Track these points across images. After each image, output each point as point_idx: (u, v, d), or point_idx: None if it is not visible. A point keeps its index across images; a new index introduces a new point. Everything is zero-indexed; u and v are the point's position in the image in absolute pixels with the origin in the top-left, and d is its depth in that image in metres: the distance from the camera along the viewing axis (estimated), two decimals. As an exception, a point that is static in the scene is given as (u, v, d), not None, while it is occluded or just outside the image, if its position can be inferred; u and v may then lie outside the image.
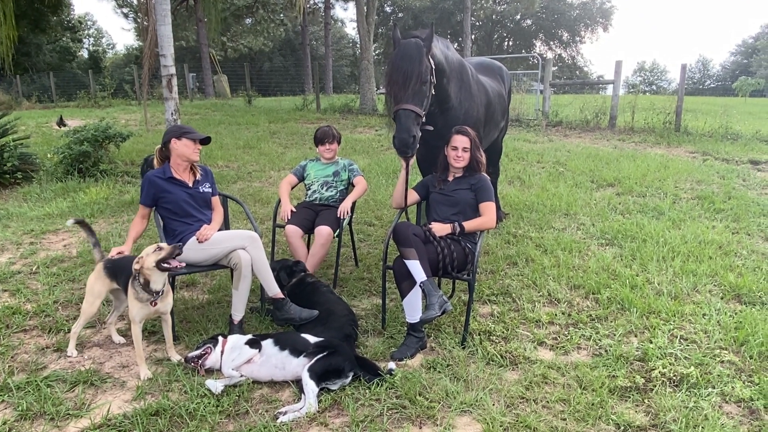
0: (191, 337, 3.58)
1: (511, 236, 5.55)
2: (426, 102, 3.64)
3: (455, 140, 3.78)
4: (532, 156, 9.45)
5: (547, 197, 6.91)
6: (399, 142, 3.51)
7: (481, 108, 4.54)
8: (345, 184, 4.68)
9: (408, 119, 3.50)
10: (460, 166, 3.82)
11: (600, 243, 5.38)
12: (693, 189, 7.24)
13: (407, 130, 3.49)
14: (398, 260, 3.49)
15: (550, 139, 11.38)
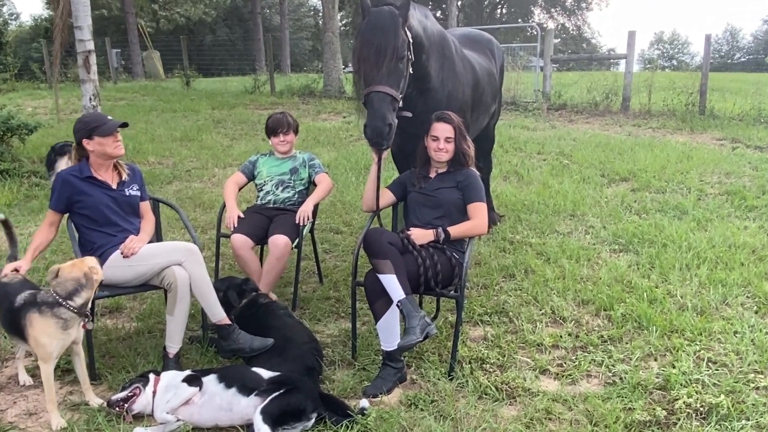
0: (115, 376, 3.53)
1: (507, 243, 5.60)
2: (403, 83, 3.67)
3: (436, 129, 3.80)
4: (532, 146, 9.56)
5: (549, 195, 7.00)
6: (371, 131, 3.53)
7: (468, 89, 4.57)
8: (305, 184, 4.67)
9: (382, 104, 3.52)
10: (443, 159, 3.84)
11: (612, 249, 5.47)
12: (721, 183, 7.42)
13: (381, 117, 3.50)
14: (370, 275, 3.49)
15: (552, 125, 11.53)
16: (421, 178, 3.92)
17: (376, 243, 3.45)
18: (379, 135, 3.52)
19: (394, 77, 3.60)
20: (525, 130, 11.05)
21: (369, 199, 3.96)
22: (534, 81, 14.33)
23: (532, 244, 5.55)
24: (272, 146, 4.73)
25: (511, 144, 9.69)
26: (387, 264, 3.39)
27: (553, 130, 11.06)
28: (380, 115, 3.50)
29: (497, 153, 8.99)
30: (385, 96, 3.54)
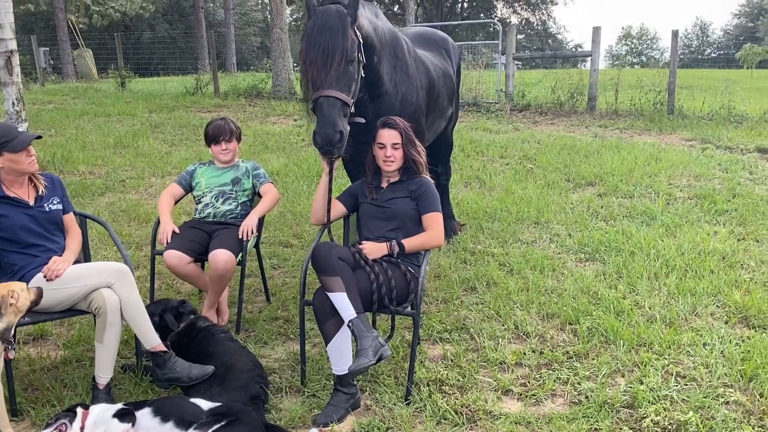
0: (39, 411, 3.45)
1: (468, 254, 5.65)
2: (354, 87, 3.71)
3: (382, 136, 3.85)
4: (494, 149, 9.68)
5: (512, 202, 7.09)
6: (322, 139, 3.53)
7: (422, 92, 4.61)
8: (249, 195, 4.65)
9: (332, 110, 3.54)
10: (392, 168, 3.88)
11: (578, 258, 5.56)
12: (690, 186, 7.62)
13: (331, 124, 3.51)
14: (319, 293, 3.49)
15: (515, 127, 11.70)
16: (372, 189, 3.95)
17: (325, 259, 3.44)
18: (330, 143, 3.52)
19: (345, 81, 3.62)
20: (487, 132, 11.18)
21: (318, 211, 3.97)
22: (496, 80, 14.51)
23: (495, 255, 5.60)
24: (213, 155, 4.68)
25: (473, 147, 9.80)
26: (337, 281, 3.39)
27: (517, 132, 11.22)
28: (330, 122, 3.51)
29: (458, 157, 9.09)
30: (335, 101, 3.55)
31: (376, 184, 3.96)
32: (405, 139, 3.85)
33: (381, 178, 3.96)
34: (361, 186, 4.03)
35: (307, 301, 3.62)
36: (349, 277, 3.42)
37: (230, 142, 4.62)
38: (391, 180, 3.94)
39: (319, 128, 3.52)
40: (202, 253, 4.31)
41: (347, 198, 4.04)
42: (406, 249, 3.69)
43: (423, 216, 3.80)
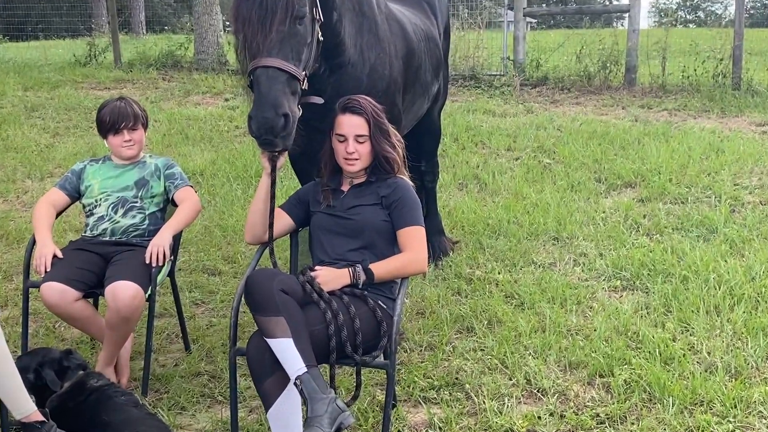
0: None
1: (462, 282, 5.68)
2: (307, 53, 3.76)
3: (341, 124, 3.87)
4: (499, 139, 9.76)
5: (523, 210, 7.14)
6: (259, 125, 3.52)
7: (397, 61, 4.64)
8: (159, 203, 4.64)
9: (273, 84, 3.55)
10: (355, 169, 3.91)
11: (612, 286, 5.61)
12: (763, 187, 7.72)
13: (273, 105, 3.52)
14: (256, 339, 3.48)
15: (527, 108, 11.79)
16: (329, 193, 3.96)
17: (264, 292, 3.43)
18: (270, 131, 3.51)
19: (292, 46, 3.65)
20: (489, 115, 11.24)
21: (256, 225, 3.98)
22: (502, 44, 14.61)
23: (499, 283, 5.63)
24: (110, 149, 4.66)
25: (470, 137, 9.85)
26: (280, 323, 3.37)
27: (530, 115, 11.29)
28: (271, 102, 3.51)
29: (449, 150, 9.15)
30: (277, 73, 3.56)
31: (334, 186, 3.96)
32: (374, 127, 3.86)
33: (341, 179, 3.98)
34: (314, 189, 4.03)
35: (240, 350, 3.60)
36: (296, 317, 3.41)
37: (134, 131, 4.60)
38: (354, 181, 3.95)
39: (256, 110, 3.53)
40: (95, 285, 4.28)
41: (295, 206, 4.05)
42: (375, 277, 3.70)
43: (399, 231, 3.81)
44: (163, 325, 5.15)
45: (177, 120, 11.07)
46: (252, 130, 3.57)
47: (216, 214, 7.16)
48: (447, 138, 9.40)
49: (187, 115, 11.42)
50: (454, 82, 13.23)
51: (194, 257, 6.28)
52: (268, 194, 3.89)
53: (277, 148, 3.65)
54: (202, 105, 12.40)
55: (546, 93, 12.99)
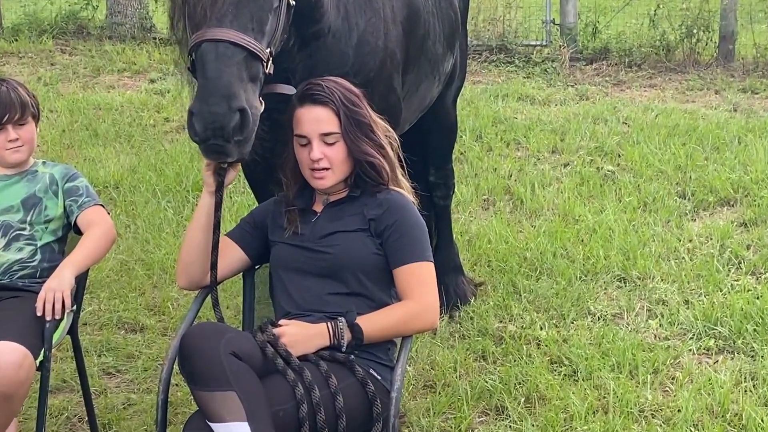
0: None
1: (489, 341, 5.67)
2: (274, 23, 3.78)
3: (300, 120, 3.85)
4: (540, 137, 9.74)
5: (575, 238, 7.14)
6: (203, 125, 3.45)
7: (395, 27, 4.66)
8: (56, 231, 4.62)
9: (226, 67, 3.54)
10: (326, 183, 3.88)
11: (703, 348, 5.58)
12: None
13: (225, 96, 3.49)
14: (196, 422, 3.47)
15: (580, 92, 11.78)
16: (295, 216, 3.96)
17: (206, 356, 3.41)
18: (220, 132, 3.44)
19: (253, 12, 3.66)
20: (527, 103, 11.23)
21: (192, 263, 3.98)
22: (544, 3, 14.66)
23: (542, 342, 5.62)
24: (-14, 152, 4.63)
25: (500, 133, 9.83)
26: (229, 400, 3.35)
27: (584, 102, 11.27)
28: (222, 91, 3.48)
29: (469, 153, 9.14)
30: (232, 50, 3.56)
31: (302, 206, 3.97)
32: (346, 120, 3.82)
33: (312, 195, 4.00)
34: (275, 210, 4.04)
35: (172, 440, 3.59)
36: (254, 393, 3.40)
37: (21, 127, 4.57)
38: (331, 198, 3.97)
39: (200, 103, 3.49)
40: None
41: (248, 233, 4.06)
42: (365, 335, 3.69)
43: (397, 270, 3.79)
44: (62, 403, 5.09)
45: (82, 110, 11.00)
46: (194, 132, 3.50)
47: (137, 245, 7.12)
48: (466, 135, 9.45)
49: (96, 103, 11.36)
50: (477, 56, 13.21)
51: (106, 306, 6.25)
52: (211, 221, 3.87)
53: (230, 158, 3.62)
54: (118, 88, 12.35)
55: (607, 71, 12.96)
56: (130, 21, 15.49)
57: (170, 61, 12.93)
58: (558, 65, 12.94)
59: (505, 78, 12.52)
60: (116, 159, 9.27)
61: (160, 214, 7.78)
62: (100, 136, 10.11)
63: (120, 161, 9.20)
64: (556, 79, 12.43)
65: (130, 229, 7.48)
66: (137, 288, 6.53)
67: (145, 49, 14.13)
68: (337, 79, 3.92)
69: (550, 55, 13.24)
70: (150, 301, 6.35)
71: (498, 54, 13.54)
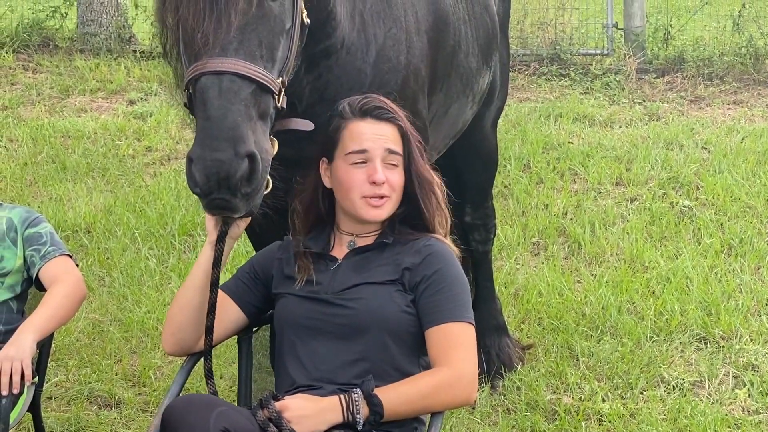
0: None
1: (540, 416, 5.65)
2: (286, 48, 3.83)
3: (361, 134, 3.90)
4: (602, 165, 9.71)
5: (645, 290, 7.12)
6: (206, 175, 3.45)
7: (419, 39, 4.68)
8: (15, 287, 4.67)
9: (232, 104, 3.56)
10: (383, 214, 3.92)
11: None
12: None
13: (231, 139, 3.49)
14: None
15: (649, 110, 11.76)
16: (309, 262, 3.98)
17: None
18: (226, 184, 3.47)
19: (262, 37, 3.69)
20: (585, 124, 11.21)
21: (183, 325, 4.00)
22: (604, 3, 14.66)
23: (605, 418, 5.60)
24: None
25: (551, 162, 9.82)
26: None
27: (654, 123, 11.23)
28: (227, 134, 3.49)
29: (514, 187, 9.12)
30: (238, 84, 3.57)
31: (318, 249, 3.99)
32: (410, 145, 3.92)
33: (331, 237, 4.03)
34: (281, 256, 4.08)
35: None
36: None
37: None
38: (357, 242, 3.99)
39: (202, 148, 3.49)
40: None
41: (246, 285, 4.09)
42: (386, 410, 3.68)
43: (430, 330, 3.81)
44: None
45: (47, 138, 10.96)
46: (194, 183, 3.50)
47: (113, 302, 7.12)
48: (511, 164, 9.47)
49: (64, 130, 11.33)
50: (523, 69, 13.22)
51: (75, 377, 6.25)
52: (209, 279, 3.86)
53: (236, 214, 3.63)
54: (91, 112, 12.30)
55: (682, 85, 12.91)
56: (106, 31, 15.45)
57: (153, 78, 12.98)
58: (622, 78, 12.88)
59: (558, 94, 12.49)
60: (88, 197, 9.24)
61: (140, 264, 7.76)
62: (68, 170, 10.05)
63: (93, 200, 9.17)
64: (620, 96, 12.39)
65: (104, 283, 7.47)
66: (112, 354, 6.52)
67: (123, 64, 14.06)
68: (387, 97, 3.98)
69: (613, 66, 13.21)
70: (128, 369, 6.35)
71: (549, 65, 13.47)
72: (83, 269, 4.63)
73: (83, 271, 4.72)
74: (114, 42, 15.19)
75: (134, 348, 6.61)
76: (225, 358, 5.98)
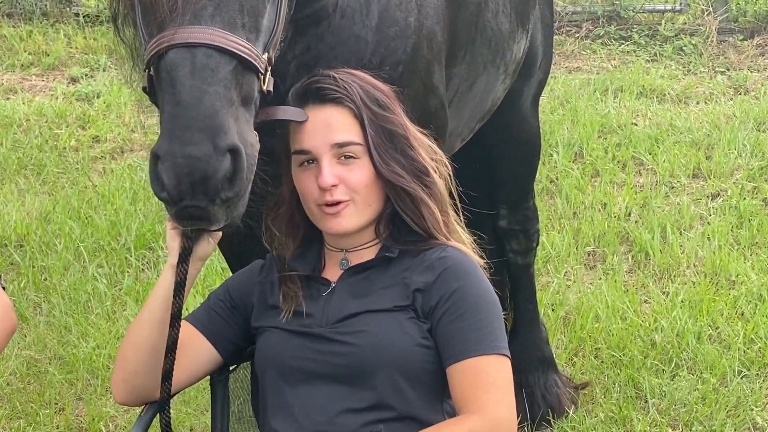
0: None
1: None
2: (272, 17, 3.84)
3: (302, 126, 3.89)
4: (674, 152, 9.62)
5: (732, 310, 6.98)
6: (175, 175, 3.41)
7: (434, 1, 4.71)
8: None
9: (209, 85, 3.53)
10: (346, 225, 3.84)
11: None
12: None
13: (209, 129, 3.44)
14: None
15: (735, 80, 11.74)
16: (297, 285, 3.95)
17: None
18: (201, 187, 3.41)
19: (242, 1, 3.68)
20: (651, 100, 11.18)
21: (137, 367, 3.97)
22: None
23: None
24: None
25: (609, 148, 9.76)
26: None
27: (740, 98, 11.18)
28: (205, 122, 3.45)
29: (560, 180, 9.04)
30: (216, 58, 3.54)
31: (306, 270, 3.97)
32: (372, 127, 3.82)
33: (321, 255, 4.01)
34: (262, 279, 4.07)
35: None
36: None
37: None
38: (351, 259, 3.93)
39: (170, 142, 3.43)
40: None
41: (219, 316, 4.06)
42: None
43: (452, 367, 3.74)
44: None
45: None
46: (160, 186, 3.45)
47: (52, 334, 7.04)
48: (558, 153, 9.48)
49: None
50: (573, 30, 13.38)
51: (5, 429, 6.18)
52: (168, 310, 3.77)
53: (214, 225, 3.54)
54: (22, 92, 12.42)
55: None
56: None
57: (101, 48, 13.08)
58: (700, 41, 12.91)
59: (618, 62, 12.52)
60: (19, 202, 9.23)
61: (86, 287, 7.67)
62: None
63: (25, 205, 9.16)
64: (697, 63, 12.42)
65: (40, 311, 7.39)
66: (52, 401, 6.46)
67: (63, 31, 14.24)
68: (354, 70, 3.98)
69: (688, 26, 13.22)
70: (72, 420, 6.32)
71: (607, 26, 13.52)
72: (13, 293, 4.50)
73: (13, 295, 4.58)
74: (51, 3, 15.20)
75: (80, 393, 6.56)
76: (196, 405, 6.01)
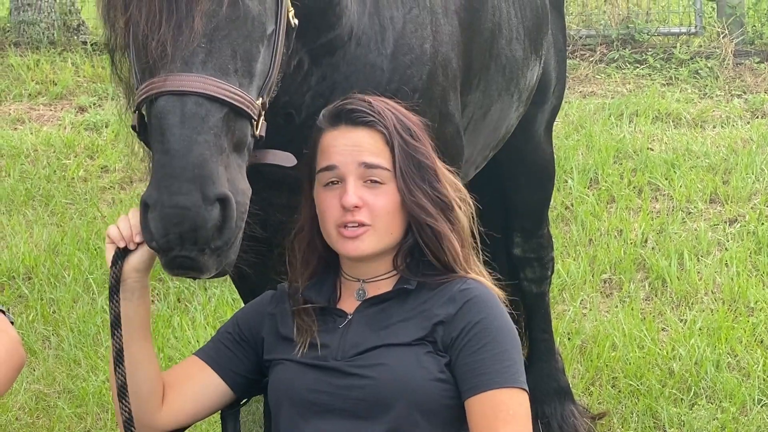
0: None
1: None
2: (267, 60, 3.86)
3: (331, 147, 3.92)
4: (691, 177, 9.71)
5: (749, 337, 7.10)
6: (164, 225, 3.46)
7: (448, 22, 4.67)
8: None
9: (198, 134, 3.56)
10: (364, 248, 3.87)
11: None
12: None
13: (198, 179, 3.50)
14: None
15: (751, 105, 11.78)
16: (312, 316, 3.97)
17: None
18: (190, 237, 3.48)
19: (235, 45, 3.70)
20: (667, 124, 11.24)
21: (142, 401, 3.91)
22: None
23: None
24: None
25: (625, 174, 9.83)
26: None
27: (757, 121, 11.23)
28: (193, 172, 3.49)
29: (575, 206, 9.18)
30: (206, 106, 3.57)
31: (322, 302, 3.97)
32: (401, 155, 3.87)
33: (337, 286, 4.02)
34: (274, 310, 4.09)
35: None
36: None
37: None
38: (369, 291, 3.96)
39: (159, 191, 3.50)
40: None
41: (228, 350, 4.08)
42: None
43: (471, 400, 3.75)
44: None
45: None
46: (150, 236, 3.54)
47: (61, 368, 7.11)
48: (573, 179, 9.53)
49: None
50: (586, 54, 13.34)
51: None
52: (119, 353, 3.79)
53: (205, 274, 3.62)
54: (30, 122, 12.39)
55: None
56: (47, 18, 15.53)
57: (109, 77, 13.00)
58: (716, 64, 12.92)
59: (632, 86, 12.53)
60: (27, 233, 9.29)
61: (95, 319, 7.76)
62: (2, 199, 10.12)
63: (33, 237, 9.22)
64: (713, 86, 12.43)
65: (49, 344, 7.45)
66: None
67: (71, 60, 14.17)
68: (385, 98, 3.95)
69: (703, 49, 13.24)
70: None
71: (621, 49, 13.55)
72: (22, 327, 4.61)
73: (22, 329, 4.70)
74: (58, 32, 15.22)
75: (89, 427, 6.61)
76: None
